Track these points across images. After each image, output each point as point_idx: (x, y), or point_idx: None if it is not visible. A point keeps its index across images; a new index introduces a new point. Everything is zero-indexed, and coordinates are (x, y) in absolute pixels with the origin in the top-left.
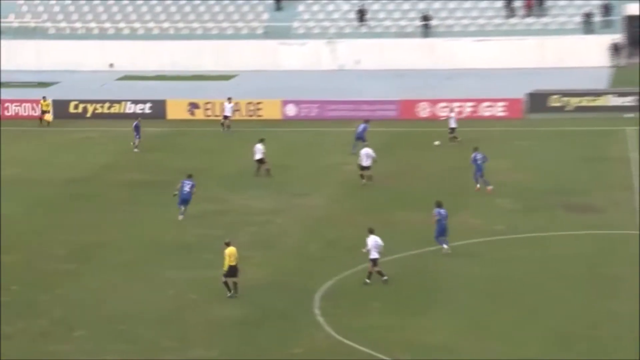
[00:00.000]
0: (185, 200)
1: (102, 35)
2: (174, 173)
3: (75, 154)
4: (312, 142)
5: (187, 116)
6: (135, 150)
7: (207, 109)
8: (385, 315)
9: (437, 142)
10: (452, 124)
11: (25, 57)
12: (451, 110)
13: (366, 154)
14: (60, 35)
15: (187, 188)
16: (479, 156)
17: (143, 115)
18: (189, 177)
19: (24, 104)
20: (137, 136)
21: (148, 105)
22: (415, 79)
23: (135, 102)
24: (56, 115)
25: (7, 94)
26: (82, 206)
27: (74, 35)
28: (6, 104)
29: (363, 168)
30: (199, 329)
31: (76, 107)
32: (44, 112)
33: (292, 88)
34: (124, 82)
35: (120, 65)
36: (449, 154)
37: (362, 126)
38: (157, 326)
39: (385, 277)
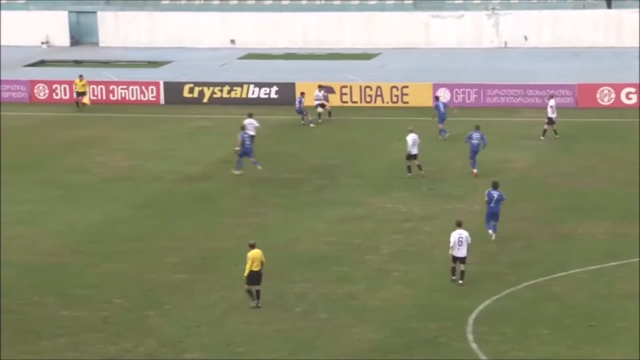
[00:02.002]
0: (246, 153)
1: (223, 7)
2: (304, 170)
3: (189, 146)
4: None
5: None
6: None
7: (344, 94)
8: (553, 345)
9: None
10: (551, 113)
11: (134, 31)
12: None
13: (414, 140)
14: (174, 6)
15: (248, 142)
16: (475, 135)
17: (269, 101)
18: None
19: (131, 87)
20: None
21: (274, 89)
22: (596, 59)
23: (259, 85)
24: (168, 100)
25: (113, 74)
26: (197, 208)
27: (190, 7)
28: (111, 87)
29: (411, 157)
30: (330, 355)
31: (191, 90)
32: (79, 94)
33: (446, 69)
34: (247, 62)
35: (242, 42)
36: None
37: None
38: (282, 351)
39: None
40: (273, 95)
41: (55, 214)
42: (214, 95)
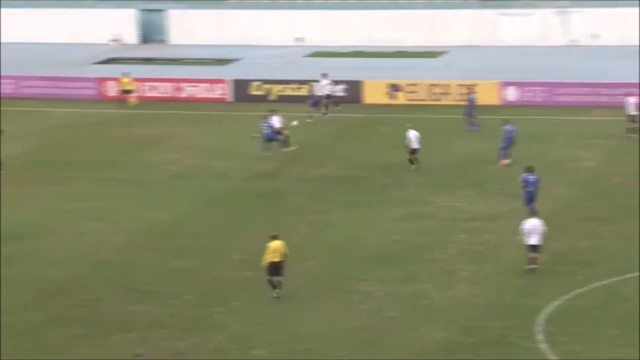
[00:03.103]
0: (270, 139)
1: (290, 5)
2: (369, 168)
3: (256, 143)
4: (537, 133)
5: (387, 100)
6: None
7: (411, 92)
8: (624, 347)
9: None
10: (633, 111)
11: (202, 29)
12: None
13: (415, 136)
14: (242, 4)
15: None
16: (508, 127)
17: (335, 99)
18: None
19: (200, 85)
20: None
21: (341, 86)
22: None
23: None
24: (236, 98)
25: (181, 72)
26: (263, 205)
27: (258, 5)
28: (180, 84)
29: (414, 151)
30: (397, 354)
31: (258, 88)
32: (125, 92)
33: (514, 67)
34: (314, 59)
35: (310, 39)
36: None
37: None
38: (348, 349)
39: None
40: (340, 93)
41: (124, 210)
42: (281, 93)
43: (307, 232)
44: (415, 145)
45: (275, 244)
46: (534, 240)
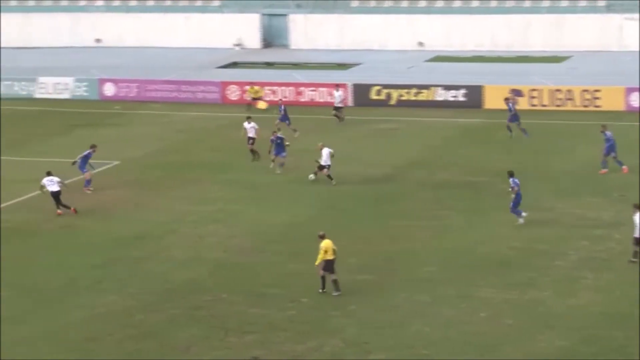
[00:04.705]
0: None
1: (412, 9)
2: (489, 174)
3: (375, 148)
4: None
5: None
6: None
7: (533, 97)
8: None
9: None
10: None
11: (323, 34)
12: None
13: (329, 154)
14: (363, 9)
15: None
16: (608, 133)
17: (456, 104)
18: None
19: (320, 89)
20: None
21: (462, 91)
22: None
23: (447, 87)
24: (356, 102)
25: (302, 76)
26: (380, 209)
27: (379, 9)
28: (300, 88)
29: (322, 167)
30: None
31: (378, 92)
32: (254, 99)
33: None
34: (435, 64)
35: (431, 44)
36: None
37: None
38: (466, 355)
39: None
40: (461, 98)
41: (244, 213)
42: (401, 98)
43: (426, 237)
44: (327, 161)
45: (327, 243)
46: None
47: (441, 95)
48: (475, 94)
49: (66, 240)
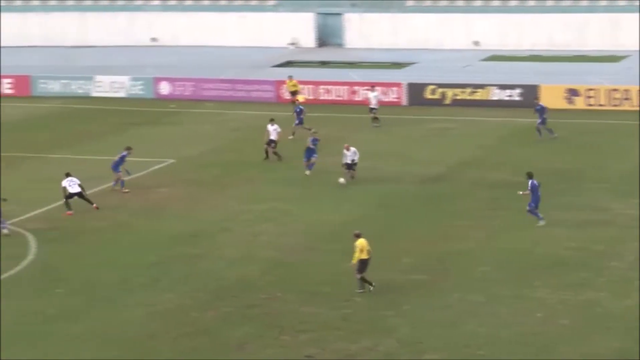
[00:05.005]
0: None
1: (468, 9)
2: (544, 174)
3: (429, 148)
4: None
5: (565, 105)
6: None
7: (590, 97)
8: None
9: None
10: None
11: (378, 33)
12: None
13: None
14: (419, 8)
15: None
16: None
17: (512, 103)
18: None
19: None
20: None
21: (517, 91)
22: None
23: (503, 87)
24: (411, 101)
25: (357, 75)
26: (434, 209)
27: (435, 9)
28: (355, 87)
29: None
30: None
31: (433, 92)
32: (293, 93)
33: None
34: (491, 63)
35: (486, 43)
36: None
37: None
38: (521, 355)
39: None
40: (516, 98)
41: (296, 211)
42: (456, 97)
43: (480, 237)
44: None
45: (362, 242)
46: None
47: (496, 94)
48: (531, 93)
49: (121, 238)
